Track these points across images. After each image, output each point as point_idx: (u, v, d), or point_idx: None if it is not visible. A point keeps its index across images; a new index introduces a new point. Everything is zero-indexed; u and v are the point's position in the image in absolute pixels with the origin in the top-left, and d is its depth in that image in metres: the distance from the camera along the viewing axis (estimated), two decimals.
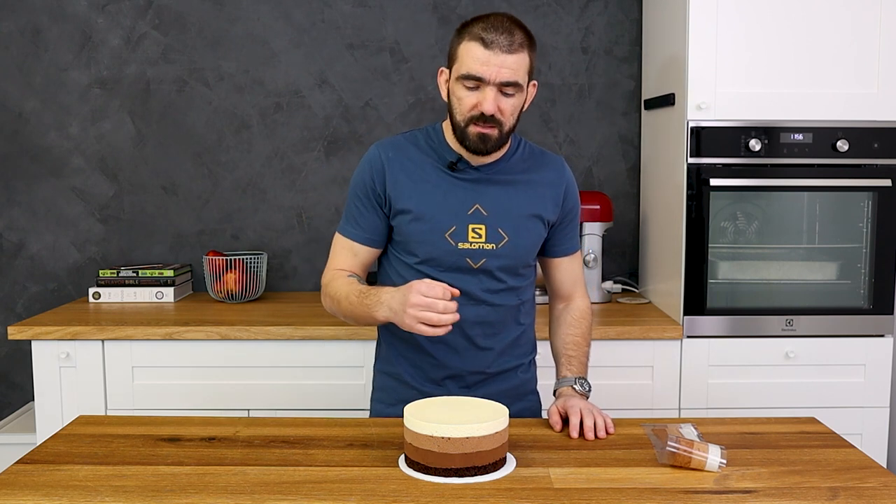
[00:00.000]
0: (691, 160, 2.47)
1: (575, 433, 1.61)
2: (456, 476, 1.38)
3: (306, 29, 3.01)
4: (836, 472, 1.44)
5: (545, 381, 1.97)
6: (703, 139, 2.47)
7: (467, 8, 3.00)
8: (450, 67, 1.69)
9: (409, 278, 1.70)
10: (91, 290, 2.88)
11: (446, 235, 1.71)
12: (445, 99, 1.71)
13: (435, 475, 1.39)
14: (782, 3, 2.44)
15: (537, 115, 3.03)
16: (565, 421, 1.66)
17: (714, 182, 2.46)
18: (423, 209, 1.71)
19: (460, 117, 1.66)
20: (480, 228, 1.72)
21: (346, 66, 3.02)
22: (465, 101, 1.64)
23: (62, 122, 3.04)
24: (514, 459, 1.47)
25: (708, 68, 2.45)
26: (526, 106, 1.72)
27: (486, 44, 1.59)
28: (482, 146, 1.66)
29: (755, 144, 2.45)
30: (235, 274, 2.83)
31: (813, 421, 1.73)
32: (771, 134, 2.46)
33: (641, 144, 3.04)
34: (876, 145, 2.47)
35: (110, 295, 2.88)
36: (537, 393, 1.93)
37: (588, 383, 1.76)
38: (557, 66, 3.03)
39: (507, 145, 1.76)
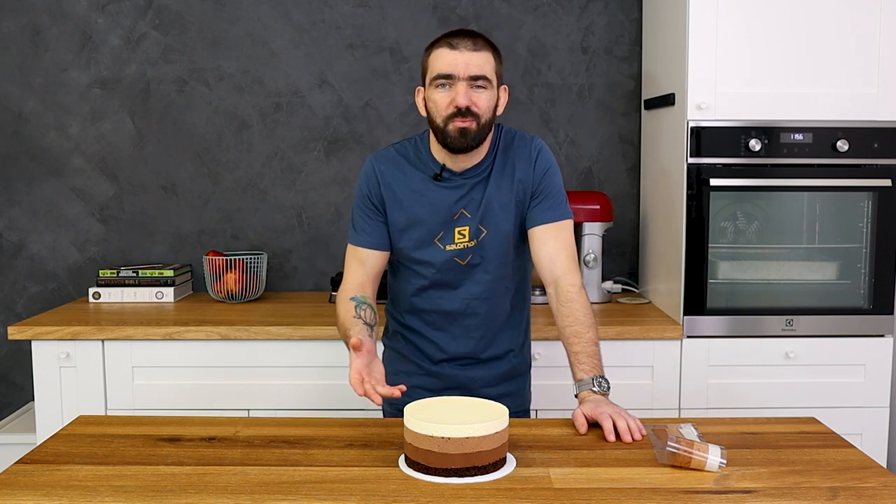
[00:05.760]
0: (691, 160, 2.47)
1: (611, 437, 1.58)
2: (456, 476, 1.38)
3: (306, 29, 3.01)
4: (836, 472, 1.44)
5: (545, 380, 1.97)
6: (703, 139, 2.46)
7: (467, 8, 3.00)
8: (424, 83, 1.80)
9: (409, 279, 1.88)
10: (91, 290, 2.88)
11: (435, 241, 1.83)
12: (424, 114, 1.81)
13: (435, 475, 1.39)
14: (782, 2, 2.44)
15: (537, 115, 3.03)
16: (591, 426, 1.64)
17: (714, 182, 2.46)
18: (413, 218, 1.83)
19: (439, 119, 1.75)
20: (465, 230, 1.83)
21: (346, 66, 3.02)
22: (441, 102, 1.74)
23: (62, 122, 3.04)
24: (514, 459, 1.47)
25: (708, 68, 2.45)
26: (500, 110, 1.81)
27: (451, 46, 1.72)
28: (463, 140, 1.74)
29: (755, 144, 2.45)
30: (235, 274, 2.83)
31: (813, 421, 1.73)
32: (771, 134, 2.46)
33: (641, 144, 3.04)
34: (876, 145, 2.47)
35: (110, 295, 2.88)
36: (528, 375, 2.01)
37: (606, 381, 1.70)
38: (557, 66, 3.02)
39: (487, 145, 1.82)
